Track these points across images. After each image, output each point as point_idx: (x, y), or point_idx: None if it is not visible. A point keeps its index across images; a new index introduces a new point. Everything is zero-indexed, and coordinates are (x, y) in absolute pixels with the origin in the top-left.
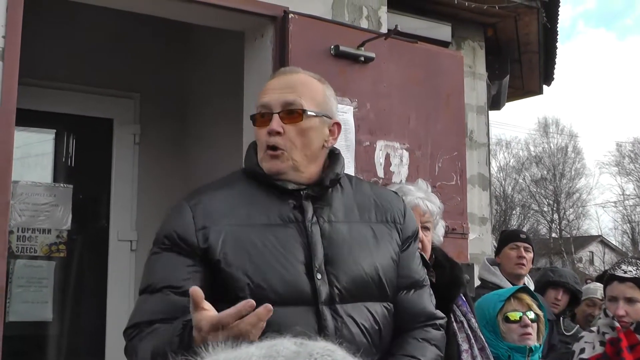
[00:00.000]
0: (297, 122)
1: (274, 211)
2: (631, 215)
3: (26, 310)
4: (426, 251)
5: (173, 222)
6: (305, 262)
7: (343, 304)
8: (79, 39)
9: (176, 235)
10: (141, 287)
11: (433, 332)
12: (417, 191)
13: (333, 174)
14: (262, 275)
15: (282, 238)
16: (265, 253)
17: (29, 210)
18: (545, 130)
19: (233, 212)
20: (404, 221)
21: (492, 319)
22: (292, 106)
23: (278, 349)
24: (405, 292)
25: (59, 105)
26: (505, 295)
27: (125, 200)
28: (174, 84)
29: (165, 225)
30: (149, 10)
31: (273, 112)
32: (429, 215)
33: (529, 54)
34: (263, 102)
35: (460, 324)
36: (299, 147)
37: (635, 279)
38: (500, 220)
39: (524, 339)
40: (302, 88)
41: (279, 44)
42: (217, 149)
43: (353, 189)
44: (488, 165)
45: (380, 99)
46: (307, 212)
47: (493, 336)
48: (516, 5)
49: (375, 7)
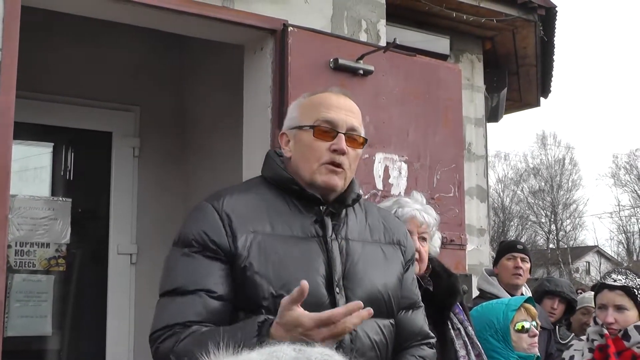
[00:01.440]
0: (358, 148)
1: (296, 224)
2: (626, 225)
3: (25, 325)
4: (423, 262)
5: (200, 223)
6: (325, 276)
7: None
8: (77, 52)
9: (207, 237)
10: (167, 287)
11: (427, 350)
12: (413, 203)
13: (354, 194)
14: (285, 286)
15: (305, 251)
16: (289, 264)
17: (28, 224)
18: (542, 142)
19: (258, 220)
20: (407, 244)
21: (503, 328)
22: (356, 132)
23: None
24: (404, 311)
25: (57, 119)
26: (516, 305)
27: (124, 214)
28: (174, 97)
29: (192, 226)
30: (148, 23)
31: (339, 131)
32: (426, 226)
33: (526, 67)
34: (330, 118)
35: (457, 331)
36: (352, 170)
37: (624, 287)
38: (498, 232)
39: (532, 348)
40: (359, 117)
41: (278, 57)
42: (216, 161)
43: (363, 210)
44: (486, 177)
45: (379, 111)
46: (328, 227)
47: (502, 345)
48: (514, 18)
49: (374, 20)
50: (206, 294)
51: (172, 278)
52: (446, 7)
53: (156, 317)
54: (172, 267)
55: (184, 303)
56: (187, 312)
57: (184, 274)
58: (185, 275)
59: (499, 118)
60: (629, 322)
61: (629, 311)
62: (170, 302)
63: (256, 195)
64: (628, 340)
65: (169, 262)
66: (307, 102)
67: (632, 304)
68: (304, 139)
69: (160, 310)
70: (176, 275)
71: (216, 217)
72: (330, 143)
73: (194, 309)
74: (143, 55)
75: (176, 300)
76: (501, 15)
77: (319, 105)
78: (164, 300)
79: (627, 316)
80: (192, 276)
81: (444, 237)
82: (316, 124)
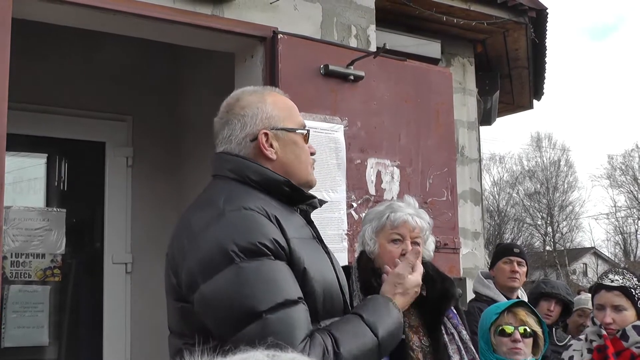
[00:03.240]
0: None
1: (299, 225)
2: (623, 226)
3: (22, 336)
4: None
5: (260, 229)
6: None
7: None
8: (69, 63)
9: (275, 242)
10: (271, 303)
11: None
12: (406, 207)
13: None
14: (329, 289)
15: (320, 252)
16: (324, 267)
17: (23, 235)
18: (538, 144)
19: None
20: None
21: (486, 331)
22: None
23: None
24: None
25: (50, 130)
26: (501, 308)
27: (119, 223)
28: (166, 106)
29: (253, 234)
30: (139, 33)
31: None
32: (419, 230)
33: (518, 69)
34: (304, 123)
35: (450, 336)
36: None
37: (622, 287)
38: (494, 235)
39: (512, 353)
40: None
41: (268, 64)
42: (209, 170)
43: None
44: (480, 180)
45: (370, 116)
46: (315, 228)
47: (486, 347)
48: (504, 21)
49: (364, 25)
50: (302, 301)
51: (271, 291)
52: (436, 11)
53: (290, 330)
54: (263, 281)
55: (301, 311)
56: (307, 320)
57: (281, 285)
58: (282, 285)
59: (492, 121)
60: (627, 322)
61: (626, 311)
62: (290, 313)
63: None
64: (626, 340)
65: (250, 276)
66: (277, 101)
67: (630, 304)
68: (298, 142)
69: (284, 325)
70: (275, 288)
71: (267, 221)
72: (307, 145)
73: (306, 316)
74: (135, 65)
75: (291, 311)
76: (492, 18)
77: (292, 109)
78: (278, 314)
79: (625, 316)
80: (288, 285)
81: (437, 241)
82: (302, 129)
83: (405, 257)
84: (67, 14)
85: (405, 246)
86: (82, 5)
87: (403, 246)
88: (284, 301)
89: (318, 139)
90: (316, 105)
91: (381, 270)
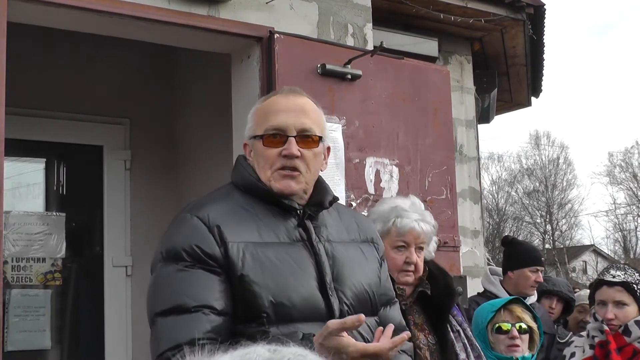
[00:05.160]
0: (313, 147)
1: (281, 229)
2: (623, 224)
3: (24, 340)
4: (418, 272)
5: (190, 236)
6: (317, 280)
7: None
8: (66, 66)
9: (200, 250)
10: (165, 305)
11: (407, 344)
12: (412, 213)
13: (330, 196)
14: (283, 293)
15: (295, 256)
16: (284, 271)
17: (23, 240)
18: (536, 142)
19: (245, 229)
20: (378, 241)
21: (483, 329)
22: (308, 132)
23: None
24: (383, 308)
25: (48, 134)
26: (497, 306)
27: (118, 227)
28: (163, 109)
29: (180, 240)
30: (135, 35)
31: (288, 135)
32: (424, 236)
33: (516, 66)
34: (276, 125)
35: (456, 333)
36: (311, 171)
37: (624, 282)
38: (494, 234)
39: (510, 350)
40: (312, 114)
41: (265, 64)
42: (208, 172)
43: (335, 210)
44: (479, 178)
45: (368, 115)
46: (311, 231)
47: (483, 345)
48: (502, 18)
49: (360, 24)
50: (210, 310)
51: (169, 295)
52: (433, 9)
53: (162, 336)
54: (167, 284)
55: (190, 320)
56: (195, 330)
57: (182, 291)
58: (184, 291)
59: (490, 119)
60: (629, 318)
61: (628, 307)
62: (175, 321)
63: (235, 203)
64: (629, 335)
65: (161, 279)
66: (259, 109)
67: (632, 299)
68: (257, 148)
69: (165, 329)
70: (174, 292)
71: (204, 228)
72: (281, 149)
73: (201, 326)
74: (131, 68)
75: (181, 318)
76: (489, 15)
77: (267, 113)
78: (166, 320)
79: (627, 312)
80: (192, 292)
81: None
82: (265, 133)
83: (378, 350)
84: (62, 17)
85: (409, 254)
86: (77, 8)
87: (407, 254)
88: (174, 307)
89: None
90: None
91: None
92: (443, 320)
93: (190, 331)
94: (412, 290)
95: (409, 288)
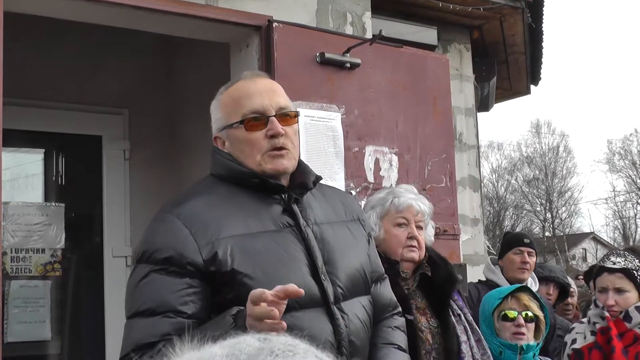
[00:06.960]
0: (293, 124)
1: (266, 217)
2: (622, 211)
3: (24, 331)
4: (421, 249)
5: (166, 237)
6: (309, 265)
7: (345, 302)
8: (64, 56)
9: (174, 251)
10: (135, 309)
11: (400, 319)
12: (408, 192)
13: (313, 176)
14: (275, 283)
15: (283, 243)
16: (273, 260)
17: (22, 231)
18: (537, 130)
19: (229, 222)
20: (364, 217)
21: (489, 315)
22: (286, 109)
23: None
24: (374, 285)
25: (47, 124)
26: (504, 293)
27: (118, 217)
28: (162, 98)
29: (156, 241)
30: (132, 24)
31: (268, 115)
32: (422, 215)
33: (515, 54)
34: (254, 108)
35: (457, 317)
36: (295, 146)
37: (624, 269)
38: (494, 222)
39: (515, 338)
40: (282, 93)
41: (264, 53)
42: (207, 160)
43: (320, 192)
44: (478, 166)
45: (367, 104)
46: (298, 215)
47: (489, 331)
48: (501, 6)
49: (359, 13)
50: (176, 314)
51: (139, 299)
52: None
53: (124, 340)
54: (139, 287)
55: (153, 324)
56: (155, 333)
57: (151, 295)
58: (153, 296)
59: (489, 107)
60: (630, 304)
61: (629, 293)
62: (138, 324)
63: (217, 196)
64: (629, 321)
65: (134, 281)
66: (226, 98)
67: (632, 286)
68: (238, 135)
69: (128, 333)
70: (143, 296)
71: (181, 228)
72: (265, 130)
73: (162, 329)
74: (130, 57)
75: (145, 322)
76: (488, 3)
77: (240, 99)
78: (133, 322)
79: (628, 298)
80: (161, 297)
81: (437, 228)
82: (244, 118)
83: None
84: (59, 6)
85: (410, 229)
86: None
87: (409, 229)
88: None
89: (315, 127)
90: (313, 94)
91: (387, 254)
92: (445, 305)
93: (150, 334)
94: (413, 273)
95: (411, 271)
